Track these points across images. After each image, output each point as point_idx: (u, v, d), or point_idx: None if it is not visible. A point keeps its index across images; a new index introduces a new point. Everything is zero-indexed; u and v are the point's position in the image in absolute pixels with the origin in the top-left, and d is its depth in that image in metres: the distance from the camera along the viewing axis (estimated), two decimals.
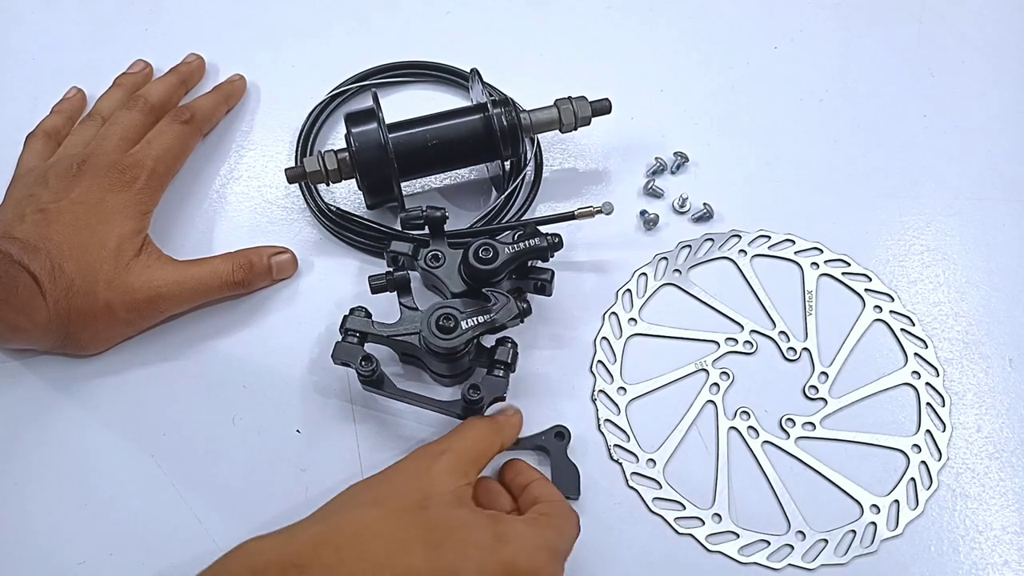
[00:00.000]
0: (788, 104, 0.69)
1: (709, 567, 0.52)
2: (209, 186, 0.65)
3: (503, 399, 0.53)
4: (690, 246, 0.62)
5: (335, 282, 0.61)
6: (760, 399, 0.57)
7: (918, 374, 0.58)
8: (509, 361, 0.52)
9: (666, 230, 0.63)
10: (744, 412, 0.57)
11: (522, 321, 0.53)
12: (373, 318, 0.54)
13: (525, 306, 0.53)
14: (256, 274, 0.59)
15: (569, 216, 0.59)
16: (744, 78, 0.70)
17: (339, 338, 0.53)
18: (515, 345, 0.53)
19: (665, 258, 0.62)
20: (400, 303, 0.54)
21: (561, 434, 0.55)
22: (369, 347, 0.53)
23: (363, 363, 0.51)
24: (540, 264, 0.56)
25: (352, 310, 0.54)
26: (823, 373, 0.58)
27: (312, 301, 0.60)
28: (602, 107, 0.61)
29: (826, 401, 0.57)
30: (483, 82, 0.62)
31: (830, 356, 0.58)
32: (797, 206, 0.64)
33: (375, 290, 0.55)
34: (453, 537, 0.44)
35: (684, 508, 0.54)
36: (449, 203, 0.65)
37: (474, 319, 0.51)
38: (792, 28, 0.73)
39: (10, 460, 0.55)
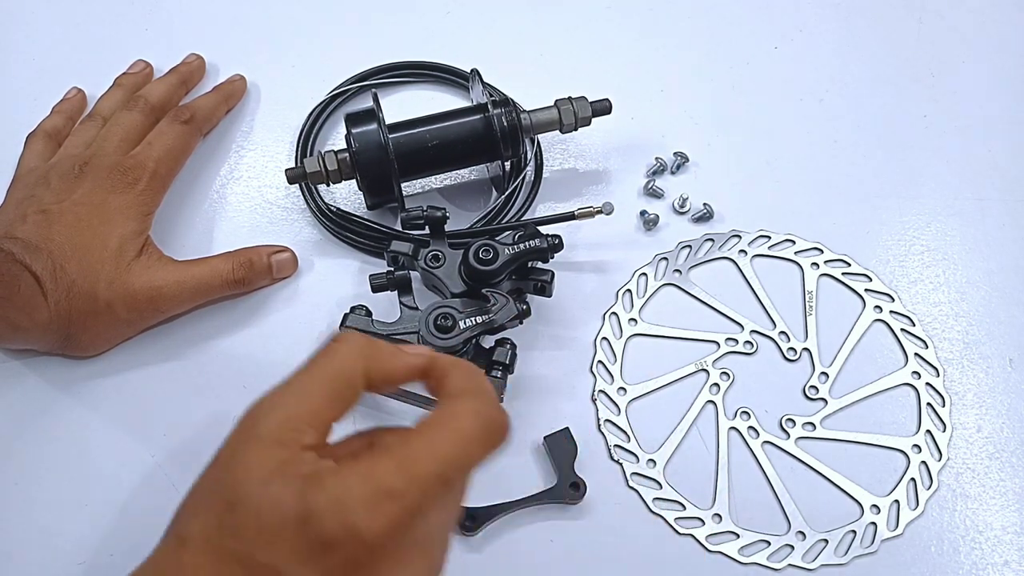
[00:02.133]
0: (788, 104, 0.69)
1: (709, 567, 0.52)
2: (209, 186, 0.65)
3: (501, 400, 0.52)
4: (690, 246, 0.62)
5: (335, 282, 0.61)
6: (760, 399, 0.57)
7: (918, 374, 0.58)
8: (507, 362, 0.52)
9: (666, 230, 0.63)
10: (744, 412, 0.57)
11: (521, 322, 0.53)
12: (374, 317, 0.54)
13: (524, 307, 0.53)
14: (256, 272, 0.59)
15: (569, 216, 0.59)
16: (744, 78, 0.70)
17: None
18: (514, 347, 0.53)
19: (665, 258, 0.62)
20: (400, 302, 0.54)
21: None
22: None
23: None
24: (540, 265, 0.56)
25: (353, 308, 0.54)
26: (823, 373, 0.58)
27: (312, 301, 0.60)
28: (602, 107, 0.61)
29: (826, 401, 0.57)
30: (483, 82, 0.62)
31: (830, 356, 0.58)
32: (797, 206, 0.64)
33: (376, 288, 0.55)
34: (258, 539, 0.31)
35: (684, 508, 0.54)
36: (449, 203, 0.65)
37: (472, 319, 0.51)
38: (792, 28, 0.73)
39: (10, 460, 0.55)
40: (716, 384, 0.57)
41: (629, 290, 0.61)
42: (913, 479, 0.54)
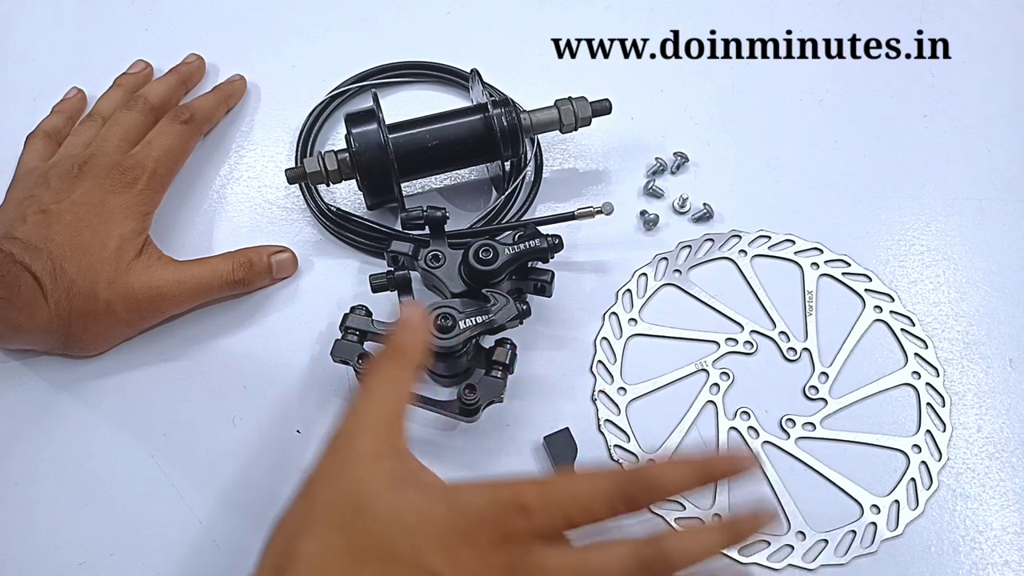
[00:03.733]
0: (788, 104, 0.69)
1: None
2: (209, 186, 0.65)
3: (501, 400, 0.52)
4: (690, 246, 0.62)
5: (335, 282, 0.61)
6: (760, 399, 0.57)
7: (918, 374, 0.58)
8: (507, 362, 0.52)
9: (666, 230, 0.63)
10: (744, 412, 0.57)
11: (521, 322, 0.53)
12: (374, 317, 0.54)
13: (524, 307, 0.53)
14: (256, 273, 0.59)
15: (569, 216, 0.59)
16: (744, 78, 0.70)
17: (339, 336, 0.53)
18: (514, 346, 0.53)
19: (665, 258, 0.62)
20: (400, 302, 0.54)
21: None
22: (369, 346, 0.53)
23: (360, 361, 0.52)
24: (540, 265, 0.56)
25: (353, 308, 0.54)
26: (823, 373, 0.58)
27: (312, 301, 0.60)
28: (602, 107, 0.61)
29: (826, 401, 0.57)
30: (483, 82, 0.62)
31: (830, 356, 0.58)
32: (797, 206, 0.64)
33: (376, 288, 0.55)
34: (402, 542, 0.33)
35: (684, 508, 0.53)
36: (449, 203, 0.65)
37: (472, 319, 0.51)
38: (792, 28, 0.72)
39: (11, 460, 0.55)
40: (716, 384, 0.57)
41: (629, 290, 0.61)
42: (913, 479, 0.54)
